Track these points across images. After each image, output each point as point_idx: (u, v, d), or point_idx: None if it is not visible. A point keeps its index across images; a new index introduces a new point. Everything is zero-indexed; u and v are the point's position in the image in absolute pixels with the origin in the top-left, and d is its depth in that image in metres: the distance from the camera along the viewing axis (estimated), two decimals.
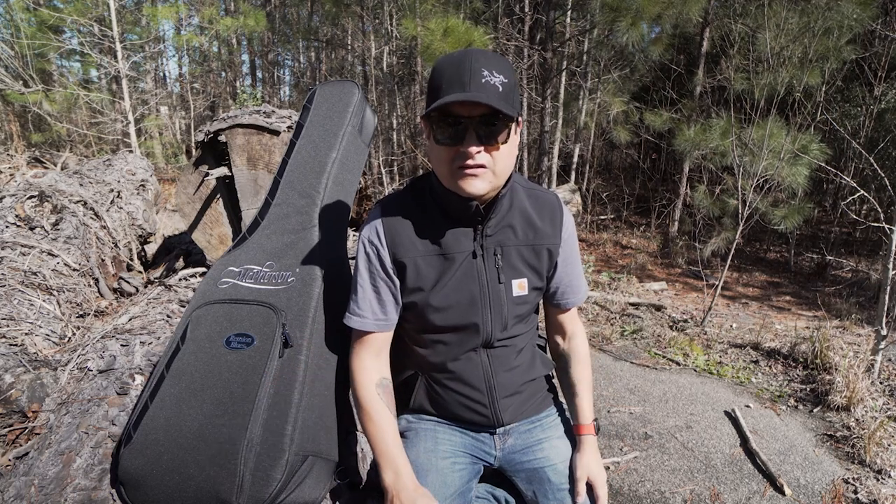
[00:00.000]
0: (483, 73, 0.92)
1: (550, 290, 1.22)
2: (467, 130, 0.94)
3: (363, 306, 1.11)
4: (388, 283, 1.10)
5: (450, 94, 0.92)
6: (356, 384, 1.12)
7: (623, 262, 7.99)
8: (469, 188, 0.98)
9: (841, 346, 3.37)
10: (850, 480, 2.19)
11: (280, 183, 1.44)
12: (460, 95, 0.91)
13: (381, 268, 1.09)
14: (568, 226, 1.18)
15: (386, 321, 1.12)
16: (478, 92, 0.91)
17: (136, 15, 11.78)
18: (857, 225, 8.88)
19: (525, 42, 7.54)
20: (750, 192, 4.26)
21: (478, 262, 1.10)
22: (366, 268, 1.11)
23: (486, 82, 0.92)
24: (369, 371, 1.12)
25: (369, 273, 1.10)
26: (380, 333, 1.13)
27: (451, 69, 0.94)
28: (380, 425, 1.08)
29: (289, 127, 2.44)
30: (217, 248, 2.65)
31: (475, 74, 0.92)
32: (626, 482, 2.18)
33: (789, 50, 5.26)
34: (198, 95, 14.62)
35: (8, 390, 1.32)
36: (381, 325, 1.12)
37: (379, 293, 1.10)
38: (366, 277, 1.11)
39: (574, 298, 1.24)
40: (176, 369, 1.13)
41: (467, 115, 0.93)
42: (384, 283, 1.10)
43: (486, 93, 0.92)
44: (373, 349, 1.14)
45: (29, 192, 2.55)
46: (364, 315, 1.11)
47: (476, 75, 0.92)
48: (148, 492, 1.02)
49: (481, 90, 0.92)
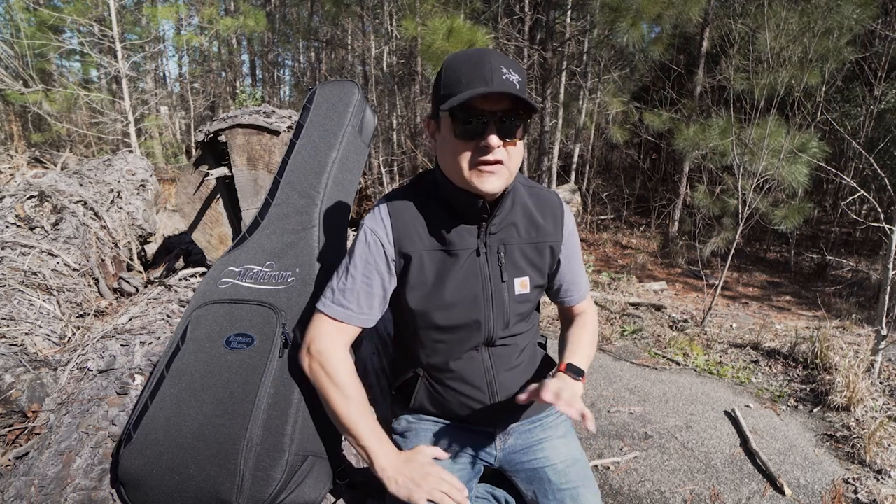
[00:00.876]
0: (503, 71, 0.94)
1: (553, 288, 1.23)
2: (488, 125, 0.96)
3: (349, 297, 1.07)
4: (383, 277, 1.08)
5: (475, 89, 0.93)
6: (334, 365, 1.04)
7: (623, 262, 7.99)
8: (486, 186, 0.99)
9: (841, 346, 3.37)
10: (850, 480, 2.19)
11: (280, 183, 1.44)
12: (487, 89, 0.92)
13: (381, 260, 1.07)
14: (569, 223, 1.18)
15: (369, 316, 1.09)
16: (501, 86, 0.93)
17: (136, 15, 11.79)
18: (857, 225, 8.88)
19: (525, 42, 7.54)
20: (750, 191, 4.26)
21: (481, 259, 1.10)
22: (362, 258, 1.07)
23: (506, 79, 0.94)
24: (348, 362, 1.08)
25: (364, 264, 1.07)
26: (354, 327, 1.09)
27: (470, 66, 0.95)
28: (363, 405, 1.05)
29: (289, 127, 2.44)
30: (217, 248, 2.64)
31: (496, 71, 0.94)
32: (626, 482, 2.18)
33: (789, 50, 5.26)
34: (198, 95, 14.62)
35: (8, 390, 1.32)
36: (364, 320, 1.09)
37: (370, 286, 1.08)
38: (359, 268, 1.07)
39: (577, 295, 1.25)
40: (176, 369, 1.13)
41: (490, 109, 0.95)
42: (378, 276, 1.08)
43: (508, 88, 0.94)
44: (347, 341, 1.09)
45: (29, 192, 2.55)
46: (349, 307, 1.07)
47: (497, 72, 0.94)
48: (148, 492, 1.02)
49: (504, 85, 0.93)
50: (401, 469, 1.01)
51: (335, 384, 1.03)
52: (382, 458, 1.02)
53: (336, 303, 1.08)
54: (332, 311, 1.07)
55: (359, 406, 1.04)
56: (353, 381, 1.05)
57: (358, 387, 1.06)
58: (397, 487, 1.00)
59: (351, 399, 1.03)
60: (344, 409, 1.02)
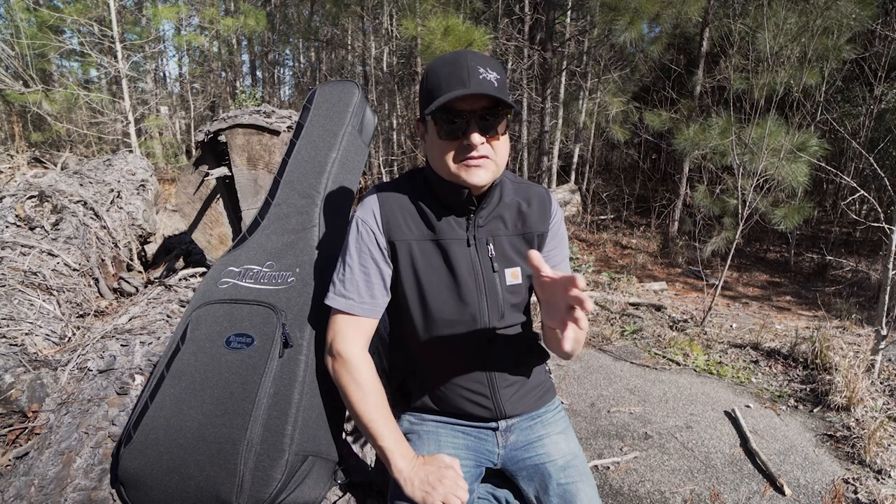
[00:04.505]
0: (479, 71, 0.98)
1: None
2: (469, 124, 0.99)
3: (349, 287, 1.08)
4: (379, 265, 1.09)
5: (452, 91, 0.96)
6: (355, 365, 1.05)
7: (623, 262, 7.99)
8: (473, 179, 1.02)
9: (841, 346, 3.37)
10: (850, 480, 2.19)
11: (280, 183, 1.44)
12: (464, 91, 0.95)
13: (374, 248, 1.09)
14: (556, 214, 1.20)
15: (373, 305, 1.09)
16: (478, 87, 0.96)
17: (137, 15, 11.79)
18: (857, 225, 8.88)
19: (525, 42, 7.54)
20: (750, 191, 4.26)
21: (471, 250, 1.12)
22: (356, 247, 1.09)
23: (483, 79, 0.97)
24: (369, 360, 1.08)
25: (359, 253, 1.09)
26: (366, 319, 1.09)
27: (448, 69, 0.99)
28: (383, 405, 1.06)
29: (289, 127, 2.44)
30: (217, 248, 2.64)
31: (472, 72, 0.97)
32: (626, 482, 2.18)
33: (788, 49, 5.26)
34: (198, 95, 14.62)
35: (8, 390, 1.32)
36: (367, 310, 1.09)
37: (368, 274, 1.09)
38: (355, 257, 1.09)
39: None
40: (176, 369, 1.13)
41: (469, 109, 0.99)
42: (374, 264, 1.09)
43: (485, 88, 0.97)
44: (363, 336, 1.09)
45: (29, 192, 2.55)
46: (350, 296, 1.08)
47: (474, 72, 0.97)
48: (148, 492, 1.02)
49: (479, 86, 0.96)
50: (417, 471, 1.02)
51: (357, 383, 1.05)
52: (399, 459, 1.03)
53: (339, 294, 1.09)
54: (337, 303, 1.09)
55: (378, 405, 1.05)
56: (373, 382, 1.07)
57: (378, 386, 1.07)
58: (413, 489, 1.00)
59: (371, 398, 1.05)
60: (364, 408, 1.04)
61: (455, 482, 1.01)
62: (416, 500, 1.00)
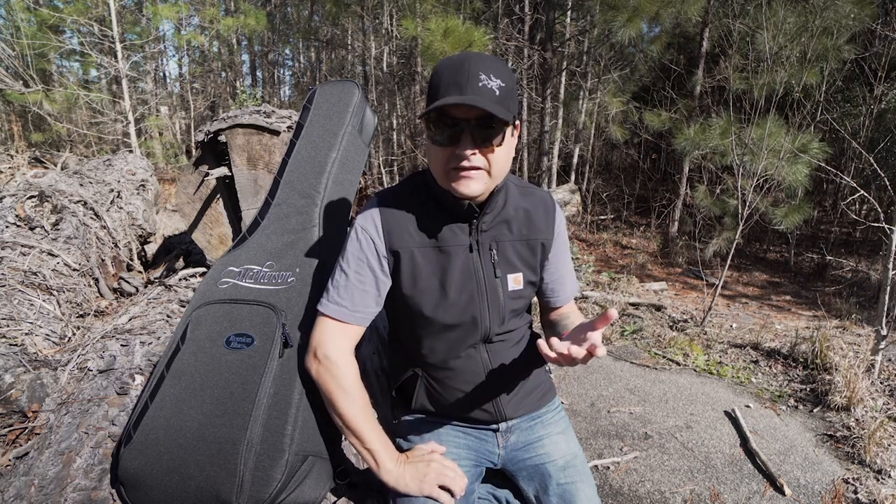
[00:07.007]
0: (481, 77, 0.93)
1: (541, 285, 1.23)
2: (463, 132, 0.95)
3: (343, 295, 1.08)
4: (376, 274, 1.08)
5: (447, 97, 0.93)
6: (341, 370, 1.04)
7: (623, 262, 7.99)
8: (463, 189, 0.99)
9: (841, 346, 3.37)
10: (850, 480, 2.19)
11: (280, 183, 1.44)
12: (456, 98, 0.92)
13: (372, 257, 1.08)
14: (560, 222, 1.20)
15: (365, 314, 1.09)
16: (474, 95, 0.93)
17: (136, 15, 11.78)
18: (857, 225, 8.88)
19: (525, 42, 7.54)
20: (750, 191, 4.26)
21: (474, 256, 1.11)
22: (354, 255, 1.08)
23: (482, 86, 0.93)
24: (354, 366, 1.08)
25: (356, 261, 1.08)
26: (356, 327, 1.09)
27: (450, 72, 0.95)
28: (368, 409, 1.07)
29: (289, 127, 2.44)
30: (217, 248, 2.64)
31: (472, 78, 0.93)
32: (626, 482, 2.18)
33: (788, 49, 5.26)
34: (198, 95, 14.62)
35: (8, 390, 1.32)
36: (359, 318, 1.09)
37: (363, 283, 1.08)
38: (351, 265, 1.08)
39: (563, 295, 1.25)
40: (176, 369, 1.13)
41: (463, 117, 0.95)
42: (371, 273, 1.08)
43: (483, 96, 0.93)
44: (351, 342, 1.09)
45: (29, 192, 2.55)
46: (343, 304, 1.07)
47: (473, 79, 0.93)
48: (148, 492, 1.02)
49: (478, 94, 0.93)
50: (406, 468, 1.05)
51: (342, 388, 1.04)
52: (387, 460, 1.04)
53: (332, 301, 1.08)
54: (329, 310, 1.08)
55: (363, 410, 1.06)
56: (359, 386, 1.07)
57: (363, 391, 1.07)
58: (406, 486, 1.03)
59: (356, 403, 1.05)
60: (349, 413, 1.04)
61: (442, 462, 1.06)
62: (413, 493, 1.01)
